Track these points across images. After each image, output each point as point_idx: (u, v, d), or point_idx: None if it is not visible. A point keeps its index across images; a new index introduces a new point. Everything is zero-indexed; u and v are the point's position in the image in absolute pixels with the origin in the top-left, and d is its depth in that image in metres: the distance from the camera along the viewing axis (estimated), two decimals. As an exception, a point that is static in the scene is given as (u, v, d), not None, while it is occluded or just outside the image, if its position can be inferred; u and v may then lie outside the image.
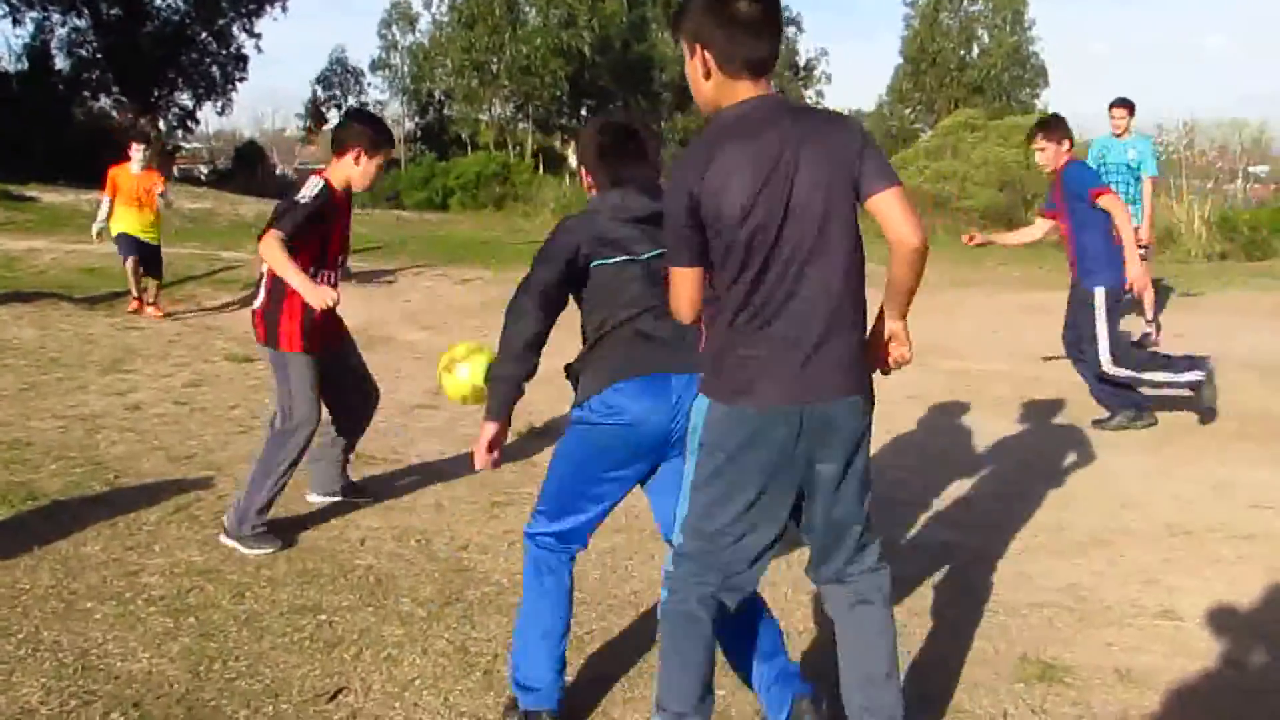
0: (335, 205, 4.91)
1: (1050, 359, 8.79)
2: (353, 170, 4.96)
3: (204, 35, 47.18)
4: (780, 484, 2.90)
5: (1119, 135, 10.28)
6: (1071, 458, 6.73)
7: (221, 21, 47.18)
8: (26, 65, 45.72)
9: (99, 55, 46.01)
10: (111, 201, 11.45)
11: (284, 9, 48.00)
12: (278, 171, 55.21)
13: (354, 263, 14.81)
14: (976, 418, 7.70)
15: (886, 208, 2.74)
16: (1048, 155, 7.20)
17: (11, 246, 15.75)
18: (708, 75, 2.84)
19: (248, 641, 3.98)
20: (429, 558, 4.80)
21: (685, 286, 2.88)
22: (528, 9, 44.44)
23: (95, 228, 11.82)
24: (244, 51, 48.39)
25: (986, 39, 52.10)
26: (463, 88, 44.23)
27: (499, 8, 42.43)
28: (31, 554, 4.72)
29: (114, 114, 47.64)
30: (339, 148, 4.98)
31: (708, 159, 2.76)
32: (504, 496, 5.63)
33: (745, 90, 2.82)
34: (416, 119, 52.12)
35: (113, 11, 45.26)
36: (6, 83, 44.57)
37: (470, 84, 43.75)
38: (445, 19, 45.96)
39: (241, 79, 48.57)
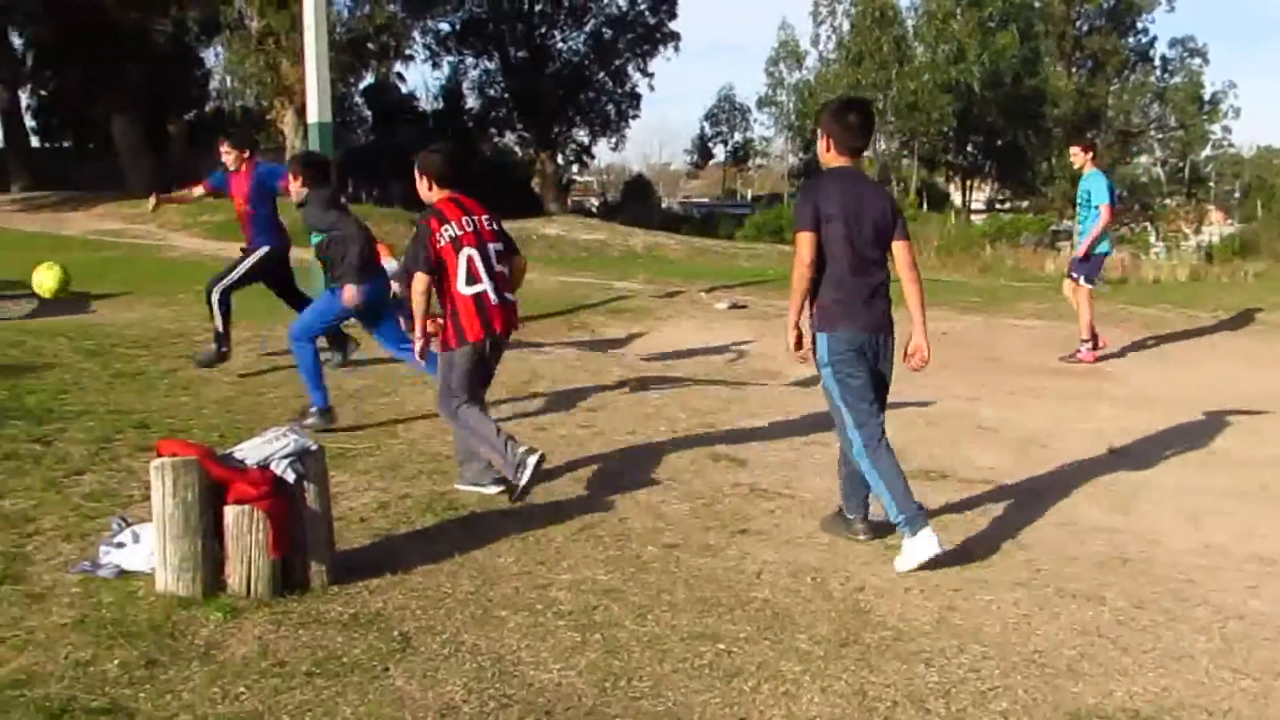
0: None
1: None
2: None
3: (601, 75, 49.48)
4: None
5: (1079, 170, 11.62)
6: None
7: (618, 62, 49.38)
8: (442, 104, 49.31)
9: (506, 95, 49.05)
10: None
11: (676, 49, 49.81)
12: (663, 205, 56.95)
13: (742, 294, 15.12)
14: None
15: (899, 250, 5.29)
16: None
17: (427, 271, 16.92)
18: (828, 149, 5.28)
19: (650, 663, 4.10)
20: (824, 596, 4.80)
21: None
22: (916, 45, 44.09)
23: None
24: (638, 90, 50.46)
25: None
26: (848, 124, 44.28)
27: (887, 44, 42.34)
28: (452, 560, 5.04)
29: (517, 149, 50.70)
30: None
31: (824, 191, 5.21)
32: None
33: (844, 162, 5.27)
34: (800, 155, 52.67)
35: (519, 54, 48.15)
36: (424, 120, 48.26)
37: (856, 120, 43.75)
38: (832, 56, 46.32)
39: (635, 116, 50.72)
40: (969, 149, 48.63)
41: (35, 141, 43.74)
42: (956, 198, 52.21)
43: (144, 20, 32.98)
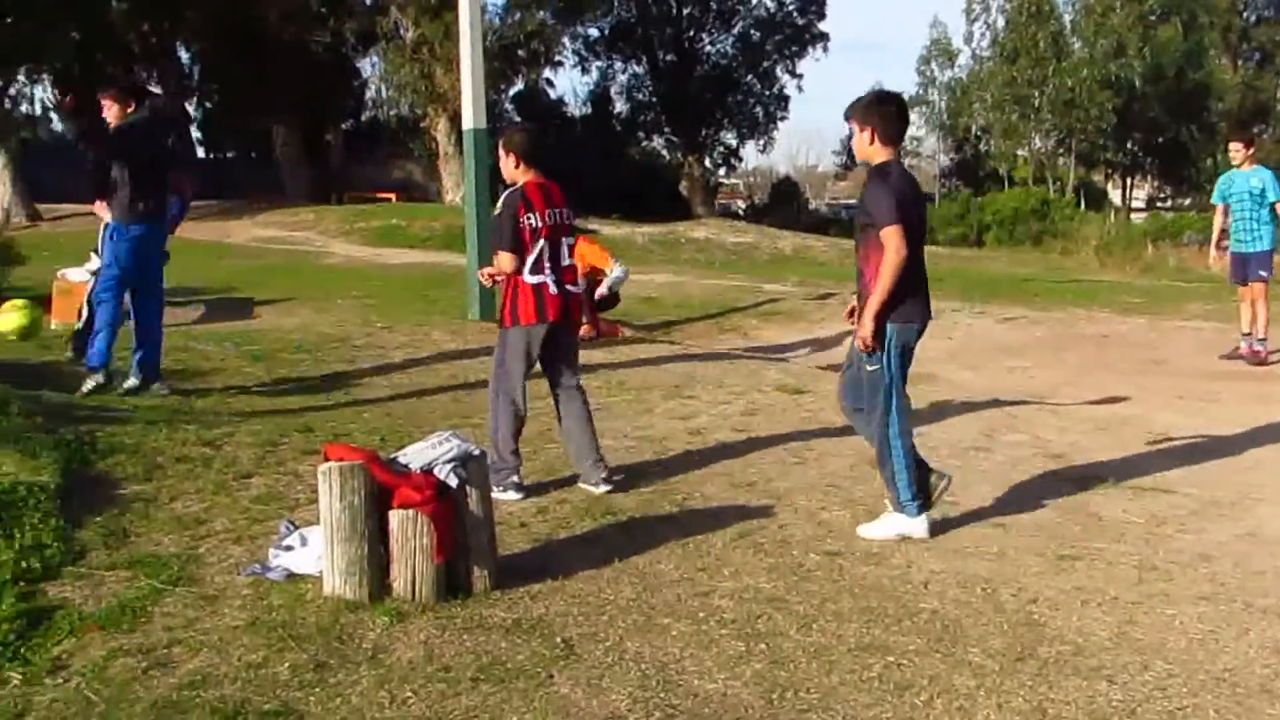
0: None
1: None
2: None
3: (749, 77, 49.29)
4: None
5: (1239, 166, 11.41)
6: None
7: (766, 64, 49.14)
8: (590, 109, 49.71)
9: (654, 98, 49.20)
10: None
11: (825, 49, 49.34)
12: (810, 206, 56.51)
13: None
14: None
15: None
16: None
17: (578, 275, 17.02)
18: (871, 142, 5.33)
19: (817, 674, 4.00)
20: (996, 608, 4.63)
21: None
22: (1074, 40, 42.97)
23: None
24: (785, 92, 50.14)
25: None
26: (1002, 122, 43.38)
27: (1044, 40, 41.31)
28: (613, 566, 5.01)
29: (664, 153, 50.81)
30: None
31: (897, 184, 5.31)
32: (1071, 550, 5.35)
33: (889, 154, 5.38)
34: (952, 155, 51.82)
35: (668, 58, 48.27)
36: (572, 125, 48.70)
37: (1010, 118, 42.83)
38: (986, 54, 45.37)
39: (783, 118, 50.36)
40: (1129, 146, 47.16)
41: (201, 152, 45.40)
42: (1115, 196, 50.76)
43: (303, 33, 33.94)
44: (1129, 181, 51.60)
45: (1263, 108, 47.78)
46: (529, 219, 6.00)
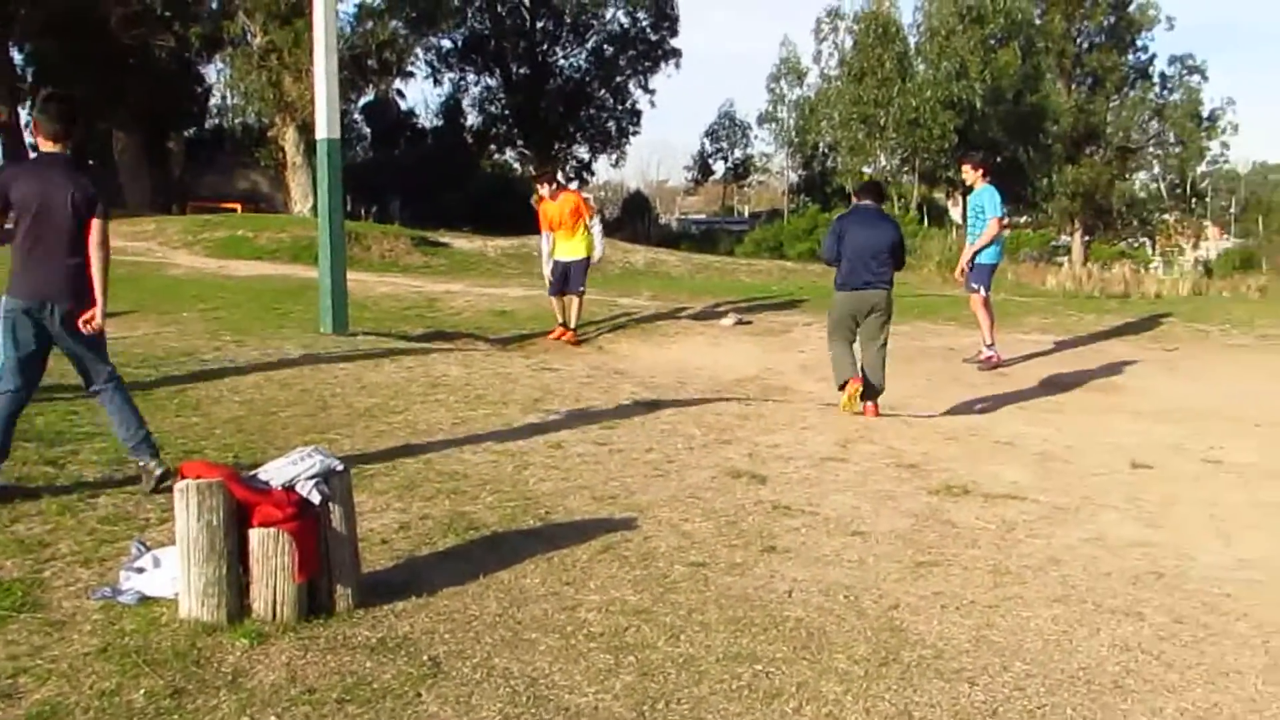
0: None
1: None
2: None
3: (602, 92, 49.57)
4: None
5: (971, 185, 12.82)
6: None
7: (619, 79, 49.48)
8: (442, 121, 49.38)
9: (506, 111, 49.11)
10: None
11: (677, 66, 49.90)
12: (661, 221, 57.00)
13: (745, 310, 15.04)
14: None
15: None
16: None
17: (431, 289, 16.88)
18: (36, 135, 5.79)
19: (687, 685, 4.02)
20: (858, 614, 4.72)
21: None
22: (918, 62, 44.09)
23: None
24: (638, 107, 50.57)
25: None
26: (848, 140, 44.26)
27: (889, 61, 42.29)
28: (478, 582, 4.95)
29: (516, 166, 50.70)
30: None
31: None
32: (928, 556, 5.47)
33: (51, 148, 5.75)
34: (800, 171, 52.71)
35: (521, 71, 48.24)
36: (423, 138, 48.30)
37: (856, 136, 43.72)
38: (834, 73, 46.27)
39: (635, 133, 50.82)
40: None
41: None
42: (955, 214, 52.20)
43: (146, 37, 32.97)
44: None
45: (1094, 130, 49.69)
46: None
